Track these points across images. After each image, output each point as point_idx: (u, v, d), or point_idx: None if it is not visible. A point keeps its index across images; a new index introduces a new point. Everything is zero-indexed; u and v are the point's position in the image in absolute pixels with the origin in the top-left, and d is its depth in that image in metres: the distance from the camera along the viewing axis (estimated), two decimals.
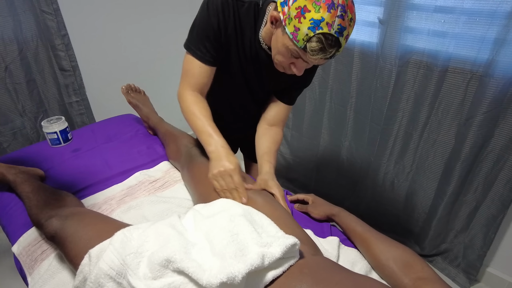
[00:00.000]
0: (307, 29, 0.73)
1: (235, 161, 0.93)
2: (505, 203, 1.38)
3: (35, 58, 1.71)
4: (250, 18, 0.94)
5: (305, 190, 2.18)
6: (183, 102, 1.02)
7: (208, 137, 0.96)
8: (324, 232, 0.98)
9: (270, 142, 1.13)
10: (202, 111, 1.00)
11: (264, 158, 1.09)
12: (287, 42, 0.80)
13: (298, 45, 0.77)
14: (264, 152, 1.10)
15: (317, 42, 0.74)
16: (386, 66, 1.49)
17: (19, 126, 1.77)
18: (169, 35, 2.28)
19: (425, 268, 0.74)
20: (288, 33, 0.77)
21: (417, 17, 1.35)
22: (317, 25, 0.72)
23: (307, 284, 0.60)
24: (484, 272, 1.60)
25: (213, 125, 0.99)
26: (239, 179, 0.90)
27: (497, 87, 1.24)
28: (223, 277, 0.55)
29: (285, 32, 0.79)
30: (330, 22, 0.72)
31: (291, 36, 0.77)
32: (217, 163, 0.92)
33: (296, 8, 0.73)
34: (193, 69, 0.99)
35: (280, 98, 1.14)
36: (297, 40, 0.76)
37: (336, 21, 0.73)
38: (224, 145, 0.95)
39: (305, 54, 0.79)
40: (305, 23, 0.73)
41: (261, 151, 1.11)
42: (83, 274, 0.70)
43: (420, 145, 1.56)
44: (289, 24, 0.76)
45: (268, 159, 1.08)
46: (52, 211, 0.91)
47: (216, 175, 0.91)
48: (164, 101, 1.90)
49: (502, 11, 1.15)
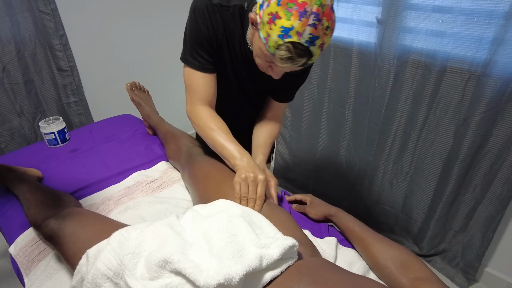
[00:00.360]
0: (277, 36, 0.72)
1: (265, 174, 0.90)
2: (503, 202, 1.38)
3: (33, 58, 1.71)
4: (236, 21, 0.93)
5: (303, 190, 2.18)
6: (197, 118, 0.99)
7: (234, 150, 0.94)
8: (322, 232, 0.98)
9: (266, 135, 1.14)
10: (220, 126, 0.98)
11: (258, 150, 1.11)
12: (261, 45, 0.79)
13: (269, 51, 0.76)
14: (259, 144, 1.12)
15: (286, 51, 0.73)
16: (384, 66, 1.49)
17: (17, 127, 1.76)
18: (167, 34, 2.27)
19: (423, 268, 0.74)
20: (262, 37, 0.76)
21: (415, 17, 1.35)
22: (286, 33, 0.71)
23: (305, 284, 0.60)
24: (483, 272, 1.60)
25: (235, 140, 0.97)
26: (263, 191, 0.87)
27: (495, 87, 1.24)
28: (221, 278, 0.55)
29: (259, 35, 0.78)
30: (300, 31, 0.70)
31: (264, 41, 0.76)
32: (248, 169, 0.88)
33: (269, 13, 0.72)
34: (196, 81, 0.97)
35: (275, 98, 1.15)
36: (268, 46, 0.76)
37: (307, 30, 0.70)
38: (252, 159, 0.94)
39: (277, 61, 0.78)
40: (276, 30, 0.71)
41: (256, 144, 1.13)
42: (80, 274, 0.70)
43: (419, 145, 1.56)
44: (262, 29, 0.75)
45: (262, 151, 1.10)
46: (49, 212, 0.91)
47: (243, 179, 0.86)
48: (162, 101, 1.90)
49: (500, 11, 1.15)
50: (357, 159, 1.83)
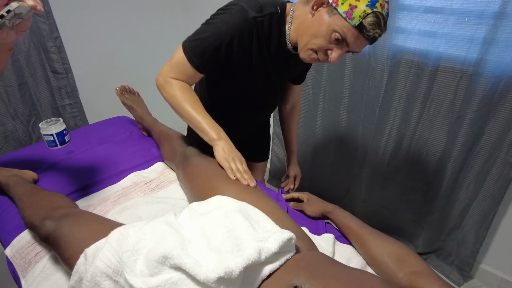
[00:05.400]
0: (365, 6, 0.80)
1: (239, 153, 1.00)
2: (496, 199, 1.40)
3: (27, 60, 1.70)
4: (273, 27, 0.97)
5: (299, 190, 2.17)
6: (170, 87, 1.00)
7: (210, 125, 0.99)
8: (319, 229, 0.99)
9: (295, 126, 1.46)
10: (195, 99, 1.01)
11: (290, 148, 1.49)
12: (335, 22, 0.84)
13: (352, 23, 0.82)
14: (289, 140, 1.48)
15: (375, 17, 0.81)
16: (378, 66, 1.51)
17: (11, 130, 1.75)
18: (162, 37, 2.28)
19: (419, 262, 0.75)
20: (340, 12, 0.82)
21: (407, 17, 1.37)
22: (373, 4, 0.81)
23: (303, 278, 0.61)
24: (477, 269, 1.62)
25: (208, 115, 1.01)
26: (246, 167, 0.97)
27: (487, 86, 1.26)
28: (221, 272, 0.55)
29: (334, 13, 0.83)
30: (382, 4, 0.82)
31: (345, 15, 0.82)
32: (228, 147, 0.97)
33: None
34: (186, 70, 0.99)
35: (294, 83, 1.33)
36: (351, 18, 0.82)
37: (386, 5, 0.83)
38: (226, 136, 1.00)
39: (355, 34, 0.84)
40: (363, 1, 0.80)
41: (288, 137, 1.48)
42: (78, 273, 0.69)
43: (413, 143, 1.58)
44: (342, 4, 0.82)
45: (292, 148, 1.49)
46: (45, 213, 0.90)
47: (227, 158, 0.95)
48: (157, 102, 1.89)
49: (490, 11, 1.18)
50: (352, 158, 1.84)
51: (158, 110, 1.73)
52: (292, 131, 1.47)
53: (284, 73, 1.16)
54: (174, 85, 1.00)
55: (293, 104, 1.42)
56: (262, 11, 0.94)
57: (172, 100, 1.01)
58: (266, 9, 0.94)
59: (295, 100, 1.41)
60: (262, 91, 1.17)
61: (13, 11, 0.63)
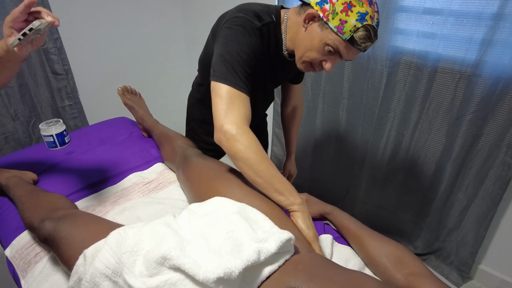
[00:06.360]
0: (355, 21, 0.81)
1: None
2: (495, 200, 1.40)
3: (27, 62, 1.71)
4: (271, 36, 0.98)
5: (298, 191, 2.18)
6: (247, 139, 0.85)
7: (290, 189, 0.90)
8: (317, 230, 0.99)
9: (295, 127, 1.47)
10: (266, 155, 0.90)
11: (288, 149, 1.51)
12: (327, 36, 0.85)
13: (343, 37, 0.83)
14: (289, 141, 1.50)
15: (365, 31, 0.83)
16: (377, 67, 1.51)
17: (11, 130, 1.76)
18: (162, 38, 2.28)
19: (417, 263, 0.75)
20: (331, 27, 0.83)
21: (406, 18, 1.37)
22: (363, 17, 0.82)
23: (301, 280, 0.61)
24: (476, 269, 1.62)
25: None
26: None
27: (485, 87, 1.27)
28: (220, 272, 0.55)
29: (326, 27, 0.85)
30: (372, 15, 0.83)
31: (336, 30, 0.83)
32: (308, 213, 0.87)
33: (343, 3, 0.82)
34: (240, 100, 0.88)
35: (293, 82, 1.34)
36: (342, 32, 0.83)
37: (375, 15, 0.85)
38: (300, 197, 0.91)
39: (347, 47, 0.85)
40: (353, 16, 0.81)
41: (288, 138, 1.50)
42: (77, 274, 0.70)
43: (412, 144, 1.58)
44: (333, 19, 0.83)
45: (291, 149, 1.51)
46: (45, 214, 0.90)
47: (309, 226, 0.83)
48: (157, 103, 1.91)
49: (488, 13, 1.18)
50: (351, 159, 1.84)
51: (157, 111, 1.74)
52: (293, 133, 1.49)
53: (281, 78, 1.19)
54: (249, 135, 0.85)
55: (294, 107, 1.43)
56: (260, 20, 0.94)
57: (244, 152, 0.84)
58: (263, 18, 0.95)
59: (296, 103, 1.42)
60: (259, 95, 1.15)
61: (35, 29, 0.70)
